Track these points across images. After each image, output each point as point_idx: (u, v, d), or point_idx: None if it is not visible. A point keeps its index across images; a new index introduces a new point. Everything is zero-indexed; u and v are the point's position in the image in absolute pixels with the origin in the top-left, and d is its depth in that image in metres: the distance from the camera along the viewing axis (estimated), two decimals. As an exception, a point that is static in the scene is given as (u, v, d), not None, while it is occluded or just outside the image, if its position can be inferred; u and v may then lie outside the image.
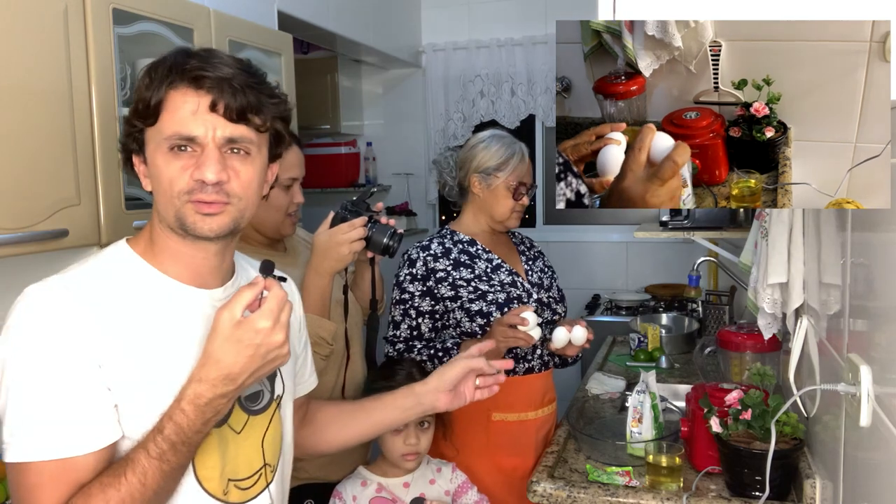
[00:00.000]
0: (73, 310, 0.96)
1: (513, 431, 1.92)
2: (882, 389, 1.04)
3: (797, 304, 1.47)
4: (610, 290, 3.96)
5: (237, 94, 0.99)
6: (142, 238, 1.07)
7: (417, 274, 1.92)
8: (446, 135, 4.16)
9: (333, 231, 1.57)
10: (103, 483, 0.92)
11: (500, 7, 4.05)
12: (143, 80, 1.01)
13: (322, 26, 3.05)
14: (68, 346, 0.94)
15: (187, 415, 0.94)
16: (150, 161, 1.02)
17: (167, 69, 0.99)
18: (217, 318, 0.96)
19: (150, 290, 1.03)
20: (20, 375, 0.93)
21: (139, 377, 0.98)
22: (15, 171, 1.44)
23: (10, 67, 1.43)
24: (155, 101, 0.99)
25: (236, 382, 0.96)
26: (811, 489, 1.46)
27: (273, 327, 0.96)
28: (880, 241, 1.07)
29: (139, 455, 0.93)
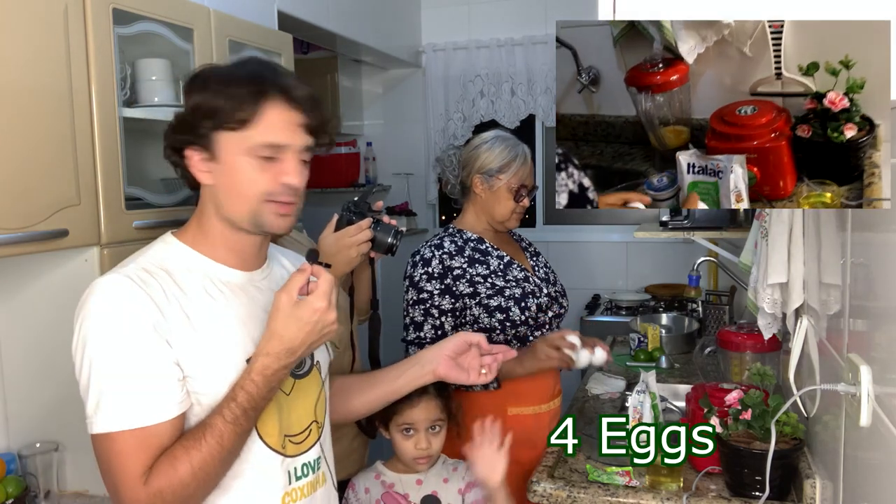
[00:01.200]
0: (141, 296, 1.08)
1: (529, 424, 1.94)
2: (882, 389, 1.04)
3: (797, 304, 1.47)
4: (610, 290, 3.96)
5: (315, 111, 1.15)
6: (189, 229, 1.20)
7: (434, 272, 1.92)
8: (446, 135, 4.16)
9: (340, 234, 1.56)
10: (185, 446, 1.06)
11: (500, 7, 4.05)
12: (214, 86, 1.12)
13: (322, 26, 3.05)
14: (141, 328, 1.06)
15: (257, 384, 1.09)
16: (226, 162, 1.13)
17: (261, 82, 1.11)
18: (277, 300, 1.11)
19: (201, 274, 1.16)
20: (101, 356, 1.05)
21: (200, 351, 1.10)
22: (15, 171, 1.44)
23: (10, 67, 1.43)
24: (248, 112, 1.10)
25: (295, 354, 1.12)
26: (811, 489, 1.46)
27: (327, 307, 1.12)
28: (880, 241, 1.07)
29: (216, 420, 1.07)
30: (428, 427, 1.62)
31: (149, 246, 1.20)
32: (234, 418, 1.08)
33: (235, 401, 1.08)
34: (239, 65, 1.17)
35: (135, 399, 1.05)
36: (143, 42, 1.86)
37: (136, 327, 1.06)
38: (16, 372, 1.73)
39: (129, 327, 1.06)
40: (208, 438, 1.06)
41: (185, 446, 1.06)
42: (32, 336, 1.71)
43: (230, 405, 1.08)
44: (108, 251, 1.65)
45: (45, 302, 1.69)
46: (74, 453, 1.70)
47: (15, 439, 1.72)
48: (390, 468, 1.67)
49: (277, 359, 1.10)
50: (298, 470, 1.23)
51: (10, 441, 1.73)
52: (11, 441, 1.72)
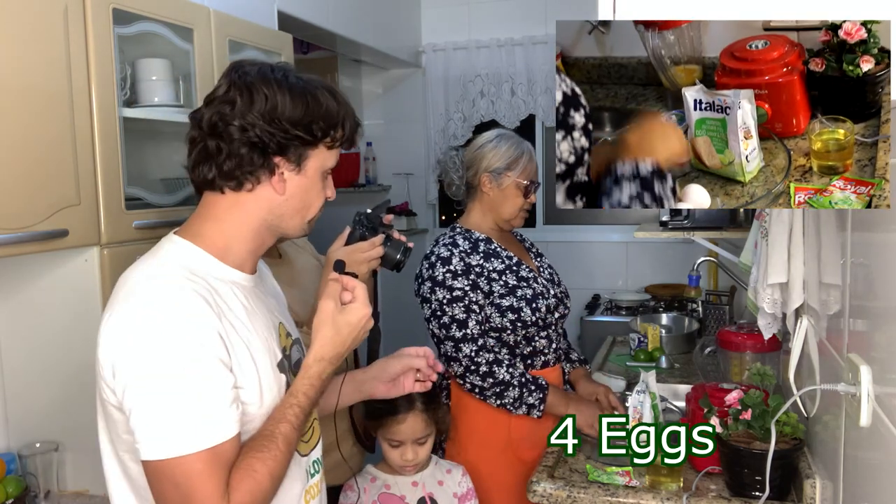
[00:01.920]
0: (204, 307, 1.03)
1: (532, 425, 1.94)
2: (882, 389, 1.04)
3: (797, 304, 1.47)
4: (610, 290, 3.96)
5: None
6: (203, 234, 1.13)
7: (457, 270, 1.91)
8: (446, 135, 4.16)
9: (352, 249, 1.52)
10: (260, 457, 1.04)
11: (500, 7, 4.05)
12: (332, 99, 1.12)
13: (322, 26, 3.05)
14: (212, 343, 1.02)
15: (315, 388, 1.13)
16: (309, 177, 1.14)
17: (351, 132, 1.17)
18: (323, 309, 1.15)
19: (228, 281, 1.12)
20: (165, 373, 0.98)
21: (246, 360, 1.08)
22: (15, 171, 1.44)
23: (10, 67, 1.43)
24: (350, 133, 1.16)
25: (343, 356, 1.17)
26: (811, 489, 1.46)
27: (368, 312, 1.18)
28: (880, 241, 1.07)
29: (284, 427, 1.07)
30: (413, 441, 1.65)
31: (163, 249, 1.12)
32: (298, 423, 1.09)
33: (299, 406, 1.10)
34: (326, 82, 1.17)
35: (207, 418, 1.00)
36: (143, 42, 1.86)
37: (207, 341, 1.01)
38: (16, 372, 1.73)
39: (199, 341, 1.01)
40: (281, 446, 1.06)
41: (261, 458, 1.04)
42: (32, 336, 1.71)
43: (293, 410, 1.09)
44: (108, 251, 1.65)
45: (45, 302, 1.69)
46: (74, 453, 1.70)
47: (15, 439, 1.72)
48: (384, 470, 1.70)
49: (331, 363, 1.15)
50: (311, 468, 1.24)
51: (10, 441, 1.73)
52: (11, 441, 1.72)
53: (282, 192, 1.12)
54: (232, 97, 1.08)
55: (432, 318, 1.92)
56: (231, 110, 1.07)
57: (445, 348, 1.90)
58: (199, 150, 1.10)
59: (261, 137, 1.07)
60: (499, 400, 1.88)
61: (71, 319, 1.66)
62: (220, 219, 1.13)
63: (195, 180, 1.13)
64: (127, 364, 0.99)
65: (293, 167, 1.11)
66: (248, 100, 1.07)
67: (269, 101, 1.07)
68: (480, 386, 1.88)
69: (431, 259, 1.94)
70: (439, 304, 1.90)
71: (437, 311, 1.91)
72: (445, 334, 1.90)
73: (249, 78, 1.09)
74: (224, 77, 1.12)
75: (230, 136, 1.07)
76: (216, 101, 1.09)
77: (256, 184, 1.10)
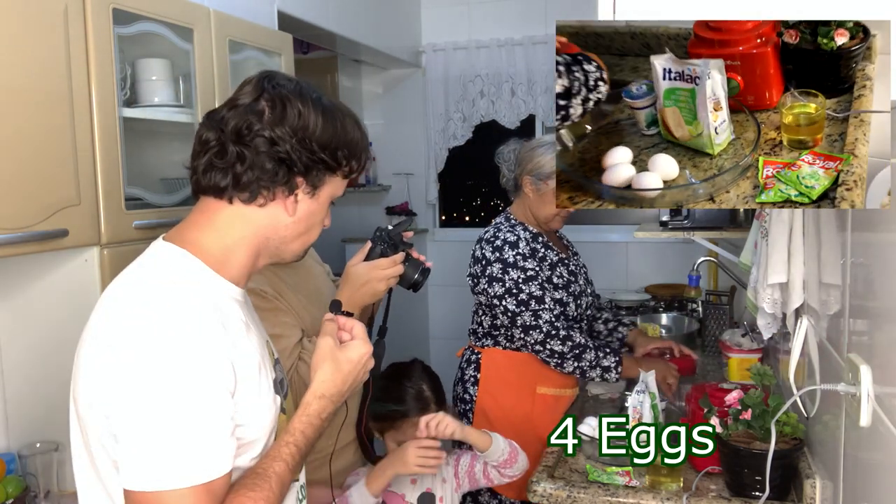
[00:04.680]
0: (213, 328, 0.97)
1: (551, 405, 2.10)
2: (882, 389, 1.04)
3: (797, 304, 1.47)
4: (610, 290, 3.95)
5: None
6: (201, 245, 1.06)
7: (525, 253, 2.04)
8: (446, 135, 4.16)
9: (372, 266, 1.51)
10: (251, 497, 0.97)
11: (500, 7, 4.05)
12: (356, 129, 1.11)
13: (322, 26, 3.05)
14: (212, 367, 0.96)
15: (315, 427, 1.08)
16: (321, 202, 1.11)
17: (365, 165, 1.15)
18: (321, 346, 1.13)
19: (227, 297, 1.07)
20: (163, 398, 0.92)
21: (244, 380, 1.02)
22: (15, 171, 1.44)
23: (9, 67, 1.43)
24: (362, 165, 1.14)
25: (345, 395, 1.14)
26: (811, 489, 1.45)
27: (369, 350, 1.16)
28: (880, 241, 1.07)
29: (279, 467, 1.01)
30: None
31: (160, 259, 1.04)
32: (294, 464, 1.04)
33: (296, 445, 1.05)
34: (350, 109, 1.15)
35: (205, 451, 0.94)
36: (143, 42, 1.86)
37: (219, 370, 0.96)
38: (16, 372, 1.73)
39: (212, 370, 0.95)
40: (274, 486, 1.00)
41: (252, 497, 0.97)
42: (32, 336, 1.71)
43: (289, 448, 1.04)
44: (108, 251, 1.65)
45: (45, 302, 1.69)
46: (74, 453, 1.70)
47: (15, 439, 1.72)
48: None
49: (332, 401, 1.11)
50: (300, 493, 1.20)
51: (10, 441, 1.73)
52: (11, 441, 1.72)
53: (292, 214, 1.07)
54: (261, 107, 1.03)
55: (507, 295, 2.01)
56: (259, 120, 1.02)
57: (523, 318, 2.00)
58: (215, 154, 1.03)
59: (289, 154, 1.03)
60: (576, 362, 2.00)
61: (71, 320, 1.65)
62: (221, 231, 1.06)
63: (202, 184, 1.06)
64: (128, 386, 0.92)
65: (309, 190, 1.08)
66: (281, 113, 1.03)
67: (302, 119, 1.03)
68: (560, 351, 1.99)
69: (497, 243, 2.06)
70: (514, 282, 2.01)
71: (512, 289, 2.01)
72: (524, 308, 2.00)
73: (284, 91, 1.05)
74: (252, 85, 1.06)
75: (256, 147, 1.02)
76: (242, 108, 1.03)
77: (270, 200, 1.05)
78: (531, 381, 2.11)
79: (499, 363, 2.13)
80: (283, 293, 1.56)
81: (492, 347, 2.15)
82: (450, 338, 4.13)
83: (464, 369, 2.22)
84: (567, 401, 2.17)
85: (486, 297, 2.07)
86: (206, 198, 1.07)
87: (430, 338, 4.37)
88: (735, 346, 2.23)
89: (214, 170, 1.03)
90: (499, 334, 2.13)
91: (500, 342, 2.13)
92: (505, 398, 2.11)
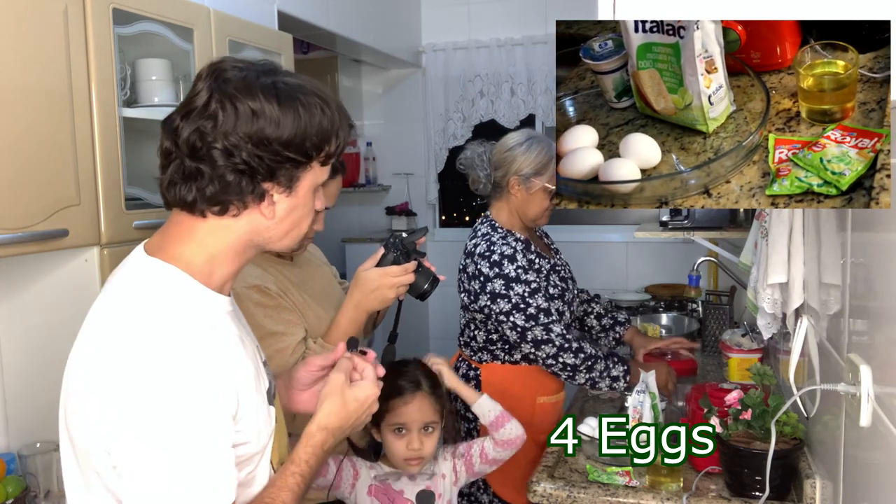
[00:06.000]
0: (216, 354, 0.95)
1: (550, 411, 2.12)
2: (882, 389, 1.04)
3: (797, 304, 1.47)
4: (610, 290, 3.95)
5: None
6: (181, 257, 1.00)
7: (525, 265, 2.01)
8: (446, 135, 4.16)
9: (384, 272, 1.52)
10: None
11: (500, 7, 4.05)
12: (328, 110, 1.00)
13: (322, 26, 3.05)
14: (217, 394, 0.93)
15: (318, 458, 1.09)
16: (301, 196, 1.02)
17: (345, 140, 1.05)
18: (333, 381, 1.14)
19: (220, 311, 1.03)
20: (160, 431, 0.88)
21: (244, 399, 1.00)
22: (15, 172, 1.44)
23: (9, 67, 1.43)
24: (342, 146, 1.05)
25: (346, 432, 1.15)
26: (811, 489, 1.45)
27: (376, 393, 1.18)
28: (880, 241, 1.07)
29: (286, 496, 1.03)
30: (421, 427, 1.56)
31: (147, 275, 0.99)
32: (300, 493, 1.05)
33: (301, 475, 1.06)
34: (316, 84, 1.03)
35: (207, 485, 0.91)
36: (143, 42, 1.86)
37: (223, 397, 0.94)
38: (16, 372, 1.73)
39: (217, 398, 0.93)
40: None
41: None
42: (33, 336, 1.71)
43: (296, 479, 1.05)
44: (108, 251, 1.65)
45: (45, 302, 1.69)
46: (74, 453, 1.70)
47: (15, 439, 1.72)
48: (383, 461, 1.62)
49: (333, 435, 1.12)
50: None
51: (10, 441, 1.72)
52: (11, 441, 1.72)
53: (271, 217, 1.00)
54: (213, 111, 0.94)
55: (514, 311, 1.97)
56: (213, 128, 0.93)
57: (534, 333, 1.97)
58: (176, 169, 0.97)
59: (248, 163, 0.94)
60: (588, 374, 1.98)
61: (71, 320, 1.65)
62: (202, 243, 1.00)
63: (170, 200, 1.00)
64: (131, 422, 0.88)
65: (284, 190, 0.99)
66: (233, 115, 0.93)
67: (257, 119, 0.93)
68: (573, 364, 1.97)
69: (493, 258, 2.00)
70: (521, 297, 1.97)
71: (519, 304, 1.97)
72: (534, 322, 1.97)
73: (231, 87, 0.94)
74: (202, 81, 0.97)
75: (213, 161, 0.94)
76: (195, 114, 0.95)
77: (243, 209, 0.98)
78: (532, 393, 2.09)
79: (500, 377, 2.09)
80: (288, 291, 1.56)
81: (490, 363, 2.11)
82: (449, 338, 4.12)
83: None
84: (561, 404, 2.19)
85: (489, 314, 2.02)
86: (179, 211, 1.01)
87: (430, 338, 4.37)
88: (735, 346, 2.23)
89: (179, 184, 0.98)
90: (496, 348, 2.10)
91: (497, 356, 2.10)
92: (506, 404, 2.06)
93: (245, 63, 0.99)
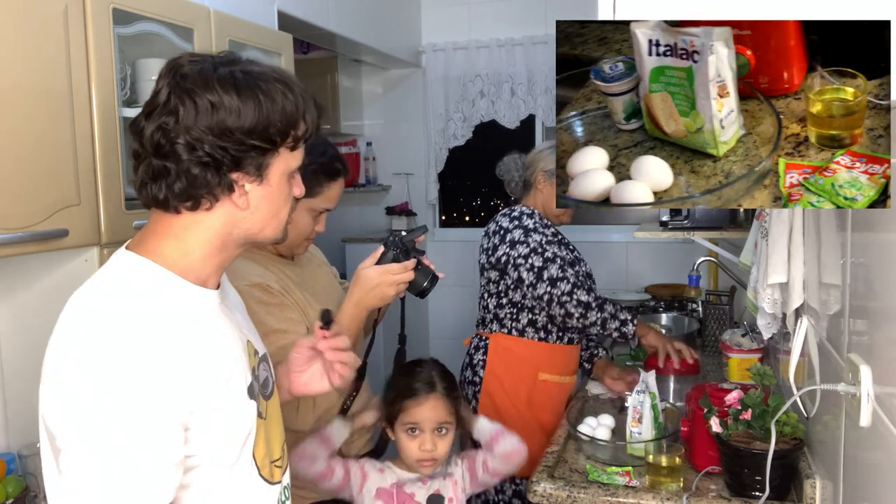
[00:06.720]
0: (166, 340, 0.93)
1: (552, 392, 2.26)
2: (882, 389, 1.04)
3: (797, 304, 1.47)
4: (610, 290, 3.95)
5: None
6: (161, 252, 1.01)
7: (552, 238, 2.23)
8: (446, 135, 4.16)
9: (384, 270, 1.52)
10: None
11: (500, 7, 4.05)
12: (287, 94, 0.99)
13: (322, 26, 3.05)
14: (166, 399, 0.91)
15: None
16: (273, 184, 1.01)
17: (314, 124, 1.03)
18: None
19: (203, 308, 1.02)
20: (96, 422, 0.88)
21: (210, 398, 0.98)
22: (15, 172, 1.44)
23: (10, 67, 1.43)
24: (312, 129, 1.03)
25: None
26: (811, 489, 1.45)
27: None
28: (880, 241, 1.07)
29: None
30: (434, 428, 1.54)
31: (121, 269, 1.00)
32: None
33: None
34: (278, 70, 1.03)
35: (140, 484, 0.90)
36: (143, 42, 1.86)
37: (173, 402, 0.92)
38: (16, 372, 1.73)
39: (164, 403, 0.91)
40: None
41: None
42: (33, 336, 1.70)
43: None
44: (108, 251, 1.65)
45: (45, 302, 1.69)
46: (74, 453, 1.70)
47: (15, 439, 1.72)
48: (396, 464, 1.60)
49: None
50: (282, 495, 1.16)
51: (10, 441, 1.73)
52: (11, 441, 1.72)
53: (245, 207, 1.00)
54: (173, 107, 0.95)
55: (532, 254, 2.17)
56: (175, 123, 0.94)
57: (550, 272, 2.15)
58: (145, 169, 0.98)
59: (211, 155, 0.95)
60: (599, 312, 2.13)
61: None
62: (180, 238, 1.01)
63: (143, 200, 1.01)
64: (71, 410, 0.88)
65: (253, 178, 0.99)
66: (192, 110, 0.94)
67: (217, 111, 0.94)
68: (586, 301, 2.12)
69: (514, 215, 2.24)
70: (539, 243, 2.18)
71: (537, 248, 2.17)
72: (550, 263, 2.16)
73: (189, 82, 0.95)
74: (162, 79, 0.98)
75: (177, 156, 0.95)
76: (156, 112, 0.96)
77: (214, 202, 0.99)
78: (534, 367, 2.24)
79: (505, 346, 2.26)
80: (290, 289, 1.57)
81: (498, 332, 2.28)
82: (449, 337, 4.13)
83: (472, 355, 2.34)
84: (567, 388, 2.31)
85: (507, 261, 2.18)
86: (156, 209, 1.02)
87: (430, 337, 4.37)
88: (735, 346, 2.23)
89: (148, 185, 0.98)
90: (504, 315, 2.25)
91: (505, 324, 2.26)
92: (509, 381, 2.24)
93: (202, 56, 1.00)
